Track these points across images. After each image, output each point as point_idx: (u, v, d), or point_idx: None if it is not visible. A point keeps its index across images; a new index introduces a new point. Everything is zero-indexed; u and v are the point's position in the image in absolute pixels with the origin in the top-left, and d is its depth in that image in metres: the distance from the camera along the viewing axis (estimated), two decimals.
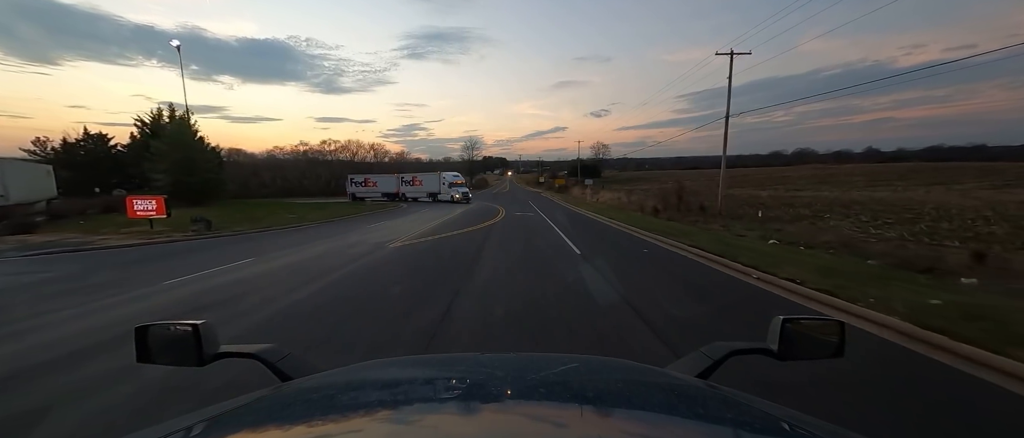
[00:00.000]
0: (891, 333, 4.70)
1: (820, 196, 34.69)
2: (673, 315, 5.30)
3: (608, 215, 21.17)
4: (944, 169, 61.24)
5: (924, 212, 20.47)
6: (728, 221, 18.49)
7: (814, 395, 3.15)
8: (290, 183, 61.08)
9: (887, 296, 5.70)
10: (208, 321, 1.06)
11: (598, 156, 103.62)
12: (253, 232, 15.99)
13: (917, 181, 46.87)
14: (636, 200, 29.98)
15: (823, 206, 24.41)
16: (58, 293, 6.67)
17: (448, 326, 4.79)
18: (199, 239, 14.11)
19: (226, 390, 3.10)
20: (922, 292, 5.99)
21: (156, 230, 14.90)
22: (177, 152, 27.53)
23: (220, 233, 15.33)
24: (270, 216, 22.32)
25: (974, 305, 5.15)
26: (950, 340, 4.17)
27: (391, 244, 11.71)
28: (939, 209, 21.52)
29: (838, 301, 5.85)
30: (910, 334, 4.54)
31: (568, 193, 52.58)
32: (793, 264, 8.37)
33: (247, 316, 5.29)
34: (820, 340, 1.13)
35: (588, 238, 13.19)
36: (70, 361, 3.93)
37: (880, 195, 33.86)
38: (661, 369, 1.10)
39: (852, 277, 7.13)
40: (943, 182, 43.72)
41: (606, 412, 0.78)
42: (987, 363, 3.77)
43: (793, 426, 0.69)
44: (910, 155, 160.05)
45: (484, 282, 7.02)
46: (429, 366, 1.17)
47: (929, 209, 21.69)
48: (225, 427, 0.71)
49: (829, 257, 9.66)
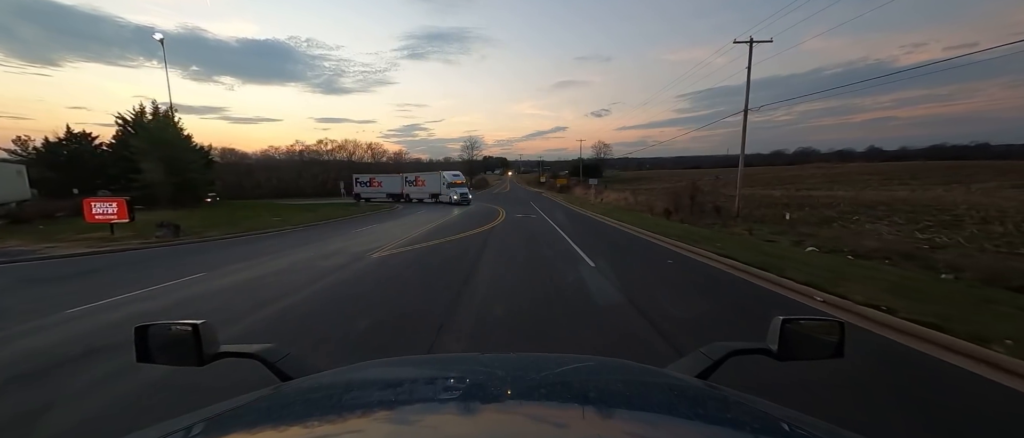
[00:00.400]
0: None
1: (835, 195, 33.05)
2: (762, 378, 3.71)
3: (617, 217, 19.57)
4: (956, 168, 59.51)
5: (961, 213, 18.83)
6: (751, 224, 16.89)
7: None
8: (285, 183, 59.62)
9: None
10: (208, 321, 1.05)
11: (599, 156, 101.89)
12: (228, 237, 14.41)
13: (932, 180, 45.20)
14: (643, 201, 28.37)
15: (848, 207, 22.72)
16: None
17: None
18: (160, 247, 12.55)
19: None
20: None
21: (116, 236, 13.35)
22: (158, 150, 25.95)
23: (188, 240, 13.77)
24: (254, 219, 20.77)
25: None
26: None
27: (373, 254, 10.14)
28: (974, 209, 19.89)
29: (960, 342, 4.25)
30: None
31: (570, 193, 50.94)
32: (856, 281, 6.79)
33: (124, 379, 3.68)
34: (820, 340, 1.11)
35: (600, 246, 11.61)
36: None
37: (900, 194, 32.22)
38: (661, 369, 1.09)
39: (946, 301, 5.54)
40: (960, 181, 42.06)
41: (606, 412, 0.77)
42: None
43: (793, 426, 0.70)
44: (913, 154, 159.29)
45: (478, 311, 5.43)
46: (429, 366, 1.18)
47: (963, 209, 20.06)
48: (225, 427, 0.71)
49: (892, 270, 8.06)
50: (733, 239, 12.50)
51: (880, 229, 14.97)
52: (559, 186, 62.61)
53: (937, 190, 34.86)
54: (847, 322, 5.25)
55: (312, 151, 74.35)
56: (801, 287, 6.73)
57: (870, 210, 21.34)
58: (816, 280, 6.88)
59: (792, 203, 26.48)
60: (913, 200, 27.85)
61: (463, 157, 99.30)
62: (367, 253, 10.29)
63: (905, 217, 18.26)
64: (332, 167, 67.04)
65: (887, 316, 5.10)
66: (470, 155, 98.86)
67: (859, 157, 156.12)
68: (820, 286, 6.57)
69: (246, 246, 12.42)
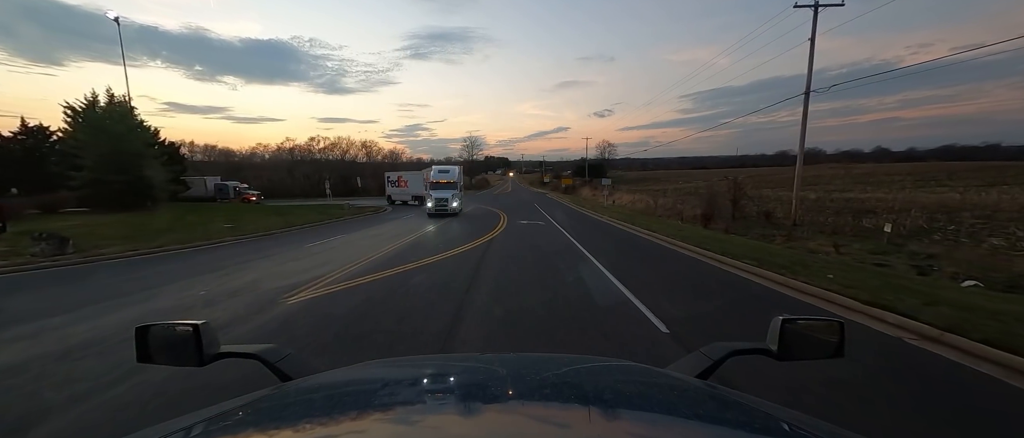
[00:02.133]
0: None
1: (881, 198, 29.17)
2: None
3: (643, 225, 15.76)
4: (999, 169, 55.43)
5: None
6: (822, 236, 13.09)
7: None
8: (274, 184, 55.89)
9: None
10: (208, 321, 1.04)
11: (603, 156, 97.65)
12: (128, 256, 10.60)
13: (973, 181, 41.17)
14: (667, 204, 24.54)
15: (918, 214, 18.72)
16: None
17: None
18: (13, 273, 8.81)
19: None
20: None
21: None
22: (102, 145, 22.20)
23: (72, 259, 10.03)
24: (202, 227, 17.04)
25: None
26: None
27: (298, 294, 6.38)
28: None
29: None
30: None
31: (577, 194, 47.10)
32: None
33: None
34: (820, 341, 1.08)
35: (651, 277, 7.86)
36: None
37: (950, 198, 28.30)
38: (661, 370, 1.08)
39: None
40: (1006, 182, 38.12)
41: (606, 412, 0.75)
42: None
43: (792, 426, 0.70)
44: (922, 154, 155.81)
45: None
46: (430, 366, 1.16)
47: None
48: (225, 427, 0.71)
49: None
50: (828, 263, 8.72)
51: (996, 243, 11.17)
52: (564, 187, 58.70)
53: (990, 193, 30.97)
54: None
55: (304, 150, 70.70)
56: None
57: (945, 216, 17.50)
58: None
59: (833, 206, 22.52)
60: (974, 203, 24.06)
61: (464, 156, 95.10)
62: (292, 290, 6.53)
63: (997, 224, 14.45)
64: (325, 166, 63.53)
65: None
66: (471, 155, 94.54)
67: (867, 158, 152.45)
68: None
69: (128, 273, 8.62)
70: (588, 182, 56.54)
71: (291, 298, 6.14)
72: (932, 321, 4.85)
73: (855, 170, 67.93)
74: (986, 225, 15.25)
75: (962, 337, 4.40)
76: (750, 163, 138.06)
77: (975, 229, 14.52)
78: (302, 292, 6.49)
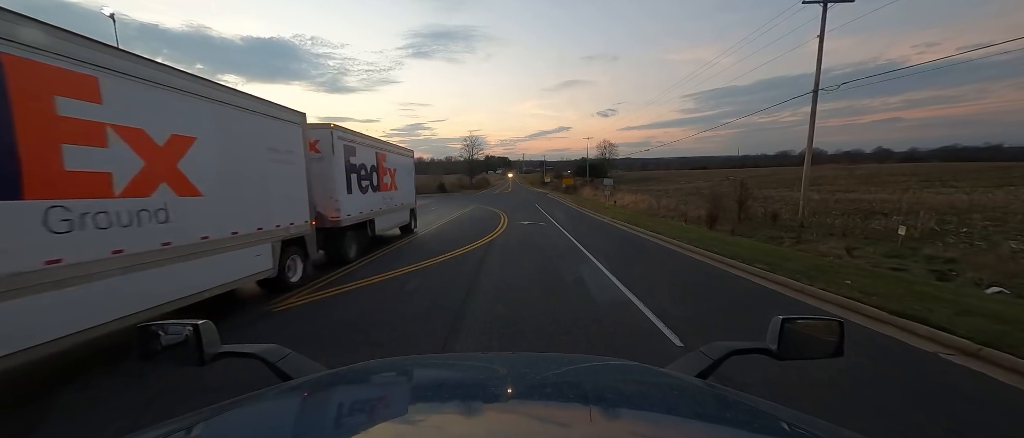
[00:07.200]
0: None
1: (883, 199, 28.77)
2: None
3: (647, 226, 15.36)
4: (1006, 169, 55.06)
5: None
6: (833, 238, 12.69)
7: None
8: None
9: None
10: (209, 321, 1.03)
11: (604, 155, 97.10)
12: None
13: (980, 182, 40.75)
14: (669, 205, 24.16)
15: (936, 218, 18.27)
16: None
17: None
18: None
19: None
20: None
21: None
22: None
23: None
24: None
25: None
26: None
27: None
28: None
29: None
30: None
31: (578, 194, 46.71)
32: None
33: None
34: (820, 340, 1.07)
35: (665, 285, 7.48)
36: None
37: (958, 199, 27.90)
38: (661, 369, 1.06)
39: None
40: (1012, 183, 37.67)
41: (607, 411, 0.75)
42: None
43: (792, 426, 0.69)
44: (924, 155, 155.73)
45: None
46: (430, 366, 1.14)
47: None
48: (225, 427, 0.70)
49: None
50: (843, 268, 8.33)
51: (1015, 246, 10.77)
52: (565, 186, 58.29)
53: (994, 193, 30.55)
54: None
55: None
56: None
57: (956, 217, 17.10)
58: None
59: (838, 208, 22.11)
60: (982, 205, 23.65)
61: (464, 156, 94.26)
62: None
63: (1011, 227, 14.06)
64: None
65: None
66: (471, 154, 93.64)
67: (868, 158, 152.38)
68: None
69: None
70: (589, 182, 56.13)
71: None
72: (969, 334, 4.47)
73: (858, 170, 67.54)
74: (999, 227, 14.85)
75: (1007, 354, 4.01)
76: (751, 163, 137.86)
77: (988, 231, 14.12)
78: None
